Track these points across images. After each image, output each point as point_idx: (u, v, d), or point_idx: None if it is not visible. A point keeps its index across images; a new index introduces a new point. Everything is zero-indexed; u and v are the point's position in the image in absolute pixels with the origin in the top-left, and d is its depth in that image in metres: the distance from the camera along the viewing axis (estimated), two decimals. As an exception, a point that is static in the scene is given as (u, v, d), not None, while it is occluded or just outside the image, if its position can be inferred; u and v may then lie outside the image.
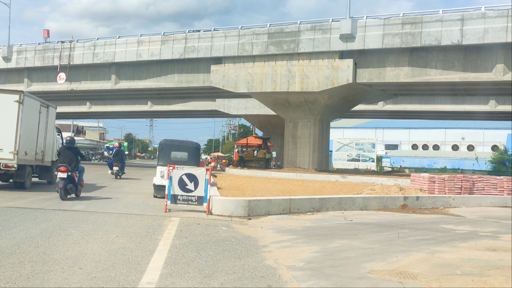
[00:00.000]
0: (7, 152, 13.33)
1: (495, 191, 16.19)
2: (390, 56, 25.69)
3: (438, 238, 8.44)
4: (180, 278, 5.21)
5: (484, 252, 7.08)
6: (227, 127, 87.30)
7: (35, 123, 14.72)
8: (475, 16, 23.12)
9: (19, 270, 5.21)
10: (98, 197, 13.04)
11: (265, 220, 9.92)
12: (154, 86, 32.94)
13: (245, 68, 28.83)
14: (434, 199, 14.43)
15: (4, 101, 13.46)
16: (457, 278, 5.44)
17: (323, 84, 26.73)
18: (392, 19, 25.09)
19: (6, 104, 13.40)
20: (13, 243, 6.51)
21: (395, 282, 5.27)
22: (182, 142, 15.18)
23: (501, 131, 59.73)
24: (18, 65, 36.31)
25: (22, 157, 13.74)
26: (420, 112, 39.21)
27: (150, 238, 7.44)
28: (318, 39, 26.65)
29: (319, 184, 20.70)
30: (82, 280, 4.94)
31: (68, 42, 34.33)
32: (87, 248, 6.44)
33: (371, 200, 13.08)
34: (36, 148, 14.86)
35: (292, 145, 29.81)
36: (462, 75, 24.53)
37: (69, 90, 35.70)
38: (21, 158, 13.70)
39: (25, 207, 10.20)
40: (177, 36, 30.56)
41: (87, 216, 9.38)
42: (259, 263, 6.03)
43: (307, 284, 5.15)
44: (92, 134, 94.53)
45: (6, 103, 13.43)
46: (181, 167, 10.77)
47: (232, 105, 43.06)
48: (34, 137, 14.68)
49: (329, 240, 7.86)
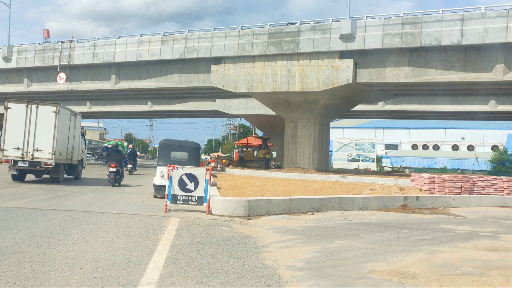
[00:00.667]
0: (47, 153, 16.25)
1: (495, 191, 16.19)
2: (390, 56, 25.69)
3: (438, 238, 8.44)
4: (180, 278, 5.21)
5: (484, 252, 7.08)
6: (227, 127, 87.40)
7: (67, 129, 17.72)
8: (475, 16, 23.11)
9: (19, 270, 5.21)
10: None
11: (265, 220, 9.92)
12: (154, 86, 32.95)
13: (245, 68, 28.83)
14: (434, 199, 14.43)
15: (45, 112, 16.37)
16: (457, 278, 5.44)
17: (323, 84, 26.73)
18: (392, 19, 25.09)
19: (46, 114, 16.36)
20: (13, 243, 6.51)
21: (395, 282, 5.27)
22: (182, 142, 15.18)
23: (501, 131, 59.74)
24: (18, 65, 36.31)
25: (57, 157, 16.58)
26: (420, 112, 39.19)
27: (150, 238, 7.44)
28: (318, 39, 26.65)
29: (319, 184, 20.70)
30: (82, 280, 4.94)
31: (68, 42, 34.33)
32: (87, 248, 6.43)
33: (371, 200, 13.08)
34: (67, 150, 17.81)
35: (292, 145, 29.81)
36: (462, 75, 24.53)
37: (69, 90, 35.71)
38: (57, 158, 16.56)
39: (25, 207, 10.20)
40: (177, 36, 30.57)
41: (87, 216, 9.39)
42: (259, 263, 6.03)
43: (307, 284, 5.15)
44: (92, 134, 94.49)
45: (46, 114, 16.37)
46: (181, 167, 10.77)
47: (232, 105, 43.05)
48: (66, 141, 17.63)
49: (329, 240, 7.86)
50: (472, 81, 24.94)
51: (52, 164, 16.33)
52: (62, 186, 16.31)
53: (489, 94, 33.28)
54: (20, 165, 16.27)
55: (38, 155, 16.23)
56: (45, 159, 16.22)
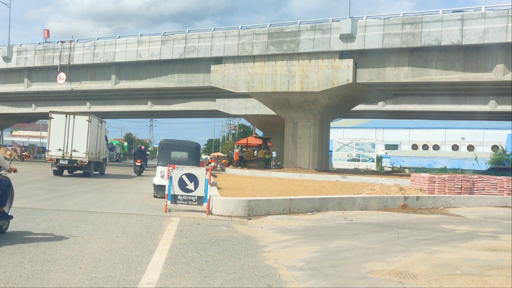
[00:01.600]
0: (82, 153, 20.60)
1: (495, 191, 16.19)
2: (390, 56, 25.69)
3: (438, 238, 8.44)
4: (180, 278, 5.21)
5: (484, 252, 7.08)
6: (227, 127, 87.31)
7: (96, 133, 21.93)
8: (475, 16, 23.11)
9: (19, 270, 5.20)
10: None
11: (265, 220, 9.92)
12: (154, 86, 32.95)
13: (245, 68, 28.83)
14: (434, 199, 14.42)
15: (80, 121, 20.78)
16: (457, 278, 5.44)
17: (323, 84, 26.73)
18: (392, 19, 25.09)
19: (81, 122, 20.74)
20: (13, 243, 6.51)
21: (395, 282, 5.27)
22: (182, 142, 15.20)
23: (501, 131, 59.73)
24: (18, 65, 36.32)
25: (90, 156, 20.87)
26: (420, 112, 39.17)
27: (150, 238, 7.44)
28: (318, 39, 26.65)
29: (319, 184, 20.70)
30: (82, 280, 4.93)
31: (68, 42, 34.33)
32: (87, 248, 6.43)
33: (371, 200, 13.07)
34: (96, 150, 22.07)
35: (292, 145, 29.80)
36: (462, 75, 24.53)
37: (69, 90, 35.71)
38: (89, 157, 20.85)
39: (25, 207, 10.20)
40: (177, 36, 30.57)
41: (87, 216, 9.39)
42: (259, 263, 6.03)
43: (307, 284, 5.15)
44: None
45: (81, 122, 20.75)
46: (181, 167, 10.77)
47: (232, 105, 43.03)
48: (95, 143, 21.86)
49: (329, 240, 7.86)
50: (472, 81, 24.94)
51: (86, 161, 20.72)
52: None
53: (489, 94, 33.27)
54: (61, 163, 20.54)
55: (75, 154, 20.55)
56: (81, 158, 20.59)
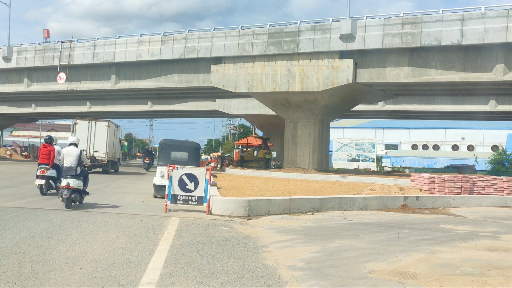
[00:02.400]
0: (102, 153, 24.56)
1: (495, 191, 16.18)
2: (390, 56, 25.69)
3: (438, 238, 8.44)
4: (180, 278, 5.21)
5: (484, 252, 7.08)
6: (227, 127, 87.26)
7: (113, 136, 26.01)
8: (475, 16, 23.10)
9: (19, 270, 5.21)
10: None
11: (265, 220, 9.92)
12: (154, 86, 32.93)
13: (245, 68, 28.83)
14: (434, 199, 14.42)
15: (100, 126, 24.82)
16: (457, 278, 5.44)
17: (323, 84, 26.72)
18: (392, 19, 25.07)
19: (101, 127, 24.78)
20: (13, 243, 6.51)
21: (395, 282, 5.27)
22: (182, 142, 15.18)
23: (501, 131, 59.77)
24: (18, 65, 36.30)
25: (108, 156, 24.86)
26: (420, 112, 39.16)
27: (150, 238, 7.44)
28: (318, 39, 26.64)
29: (319, 184, 20.70)
30: (82, 280, 4.94)
31: (68, 42, 34.31)
32: (87, 248, 6.44)
33: (371, 200, 13.07)
34: (113, 151, 25.96)
35: (292, 145, 29.79)
36: (462, 75, 24.52)
37: (69, 90, 35.69)
38: (108, 157, 24.85)
39: (25, 207, 10.20)
40: (177, 36, 30.56)
41: (87, 216, 9.39)
42: (259, 263, 6.03)
43: (307, 284, 5.15)
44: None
45: (101, 127, 24.79)
46: (181, 167, 10.77)
47: (232, 105, 43.02)
48: (112, 145, 25.72)
49: (329, 240, 7.86)
50: (472, 81, 24.93)
51: (105, 160, 24.71)
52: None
53: (489, 94, 33.26)
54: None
55: (96, 154, 24.32)
56: (101, 157, 24.48)
